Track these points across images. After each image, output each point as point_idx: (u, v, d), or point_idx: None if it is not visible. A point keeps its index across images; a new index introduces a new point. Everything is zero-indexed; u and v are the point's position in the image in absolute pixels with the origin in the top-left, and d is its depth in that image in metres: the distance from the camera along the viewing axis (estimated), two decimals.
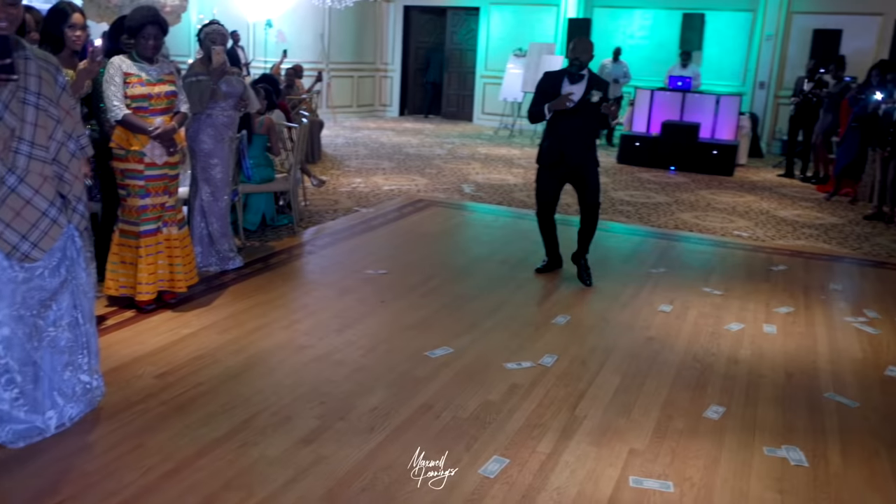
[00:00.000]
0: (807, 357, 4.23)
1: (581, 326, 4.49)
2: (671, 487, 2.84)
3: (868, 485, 2.95)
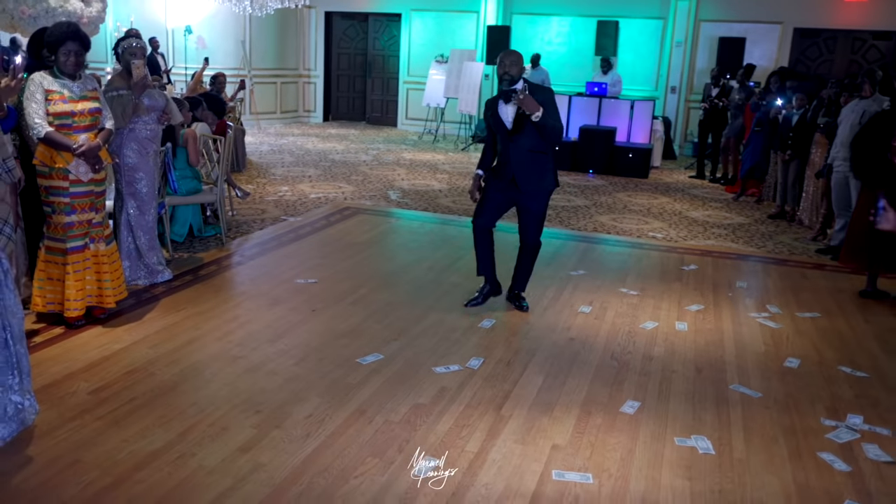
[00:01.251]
0: (715, 352, 4.54)
1: (506, 329, 4.70)
2: (591, 479, 3.06)
3: (767, 468, 3.24)
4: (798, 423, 3.66)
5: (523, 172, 4.69)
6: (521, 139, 4.65)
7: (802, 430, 3.59)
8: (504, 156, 4.75)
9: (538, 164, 4.72)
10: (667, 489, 3.02)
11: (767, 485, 3.10)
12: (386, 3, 15.63)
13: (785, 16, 13.32)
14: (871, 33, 13.15)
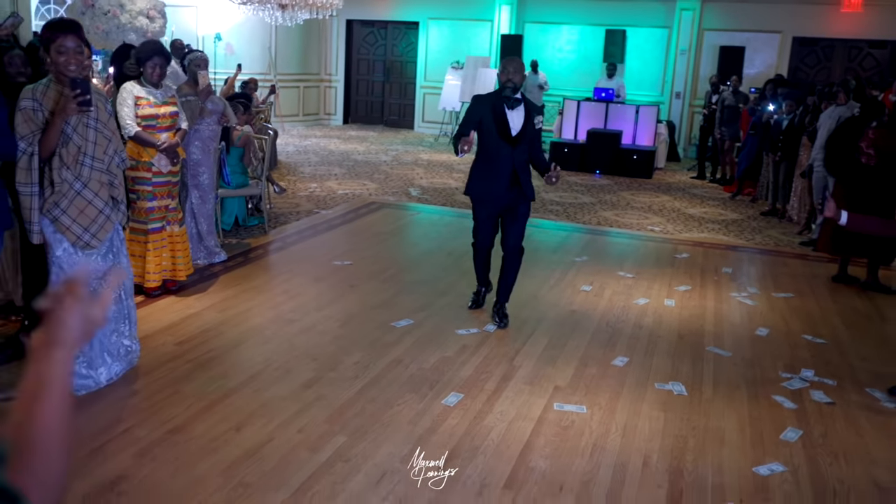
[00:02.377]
0: (696, 323, 5.29)
1: (517, 303, 5.44)
2: (584, 409, 3.82)
3: (728, 406, 3.99)
4: (759, 375, 4.41)
5: (524, 177, 4.82)
6: (520, 147, 4.78)
7: (762, 380, 4.34)
8: (501, 162, 4.76)
9: (526, 170, 4.87)
10: (645, 418, 3.78)
11: (727, 417, 3.86)
12: (404, 12, 16.43)
13: (784, 25, 14.02)
14: (868, 42, 13.83)
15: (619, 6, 14.70)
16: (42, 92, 3.54)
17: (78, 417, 3.44)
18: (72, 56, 3.49)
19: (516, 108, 4.76)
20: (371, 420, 3.59)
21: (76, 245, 3.64)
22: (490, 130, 4.74)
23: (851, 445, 3.64)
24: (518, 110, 4.77)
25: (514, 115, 4.76)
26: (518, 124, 4.76)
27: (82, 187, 3.62)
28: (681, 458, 3.43)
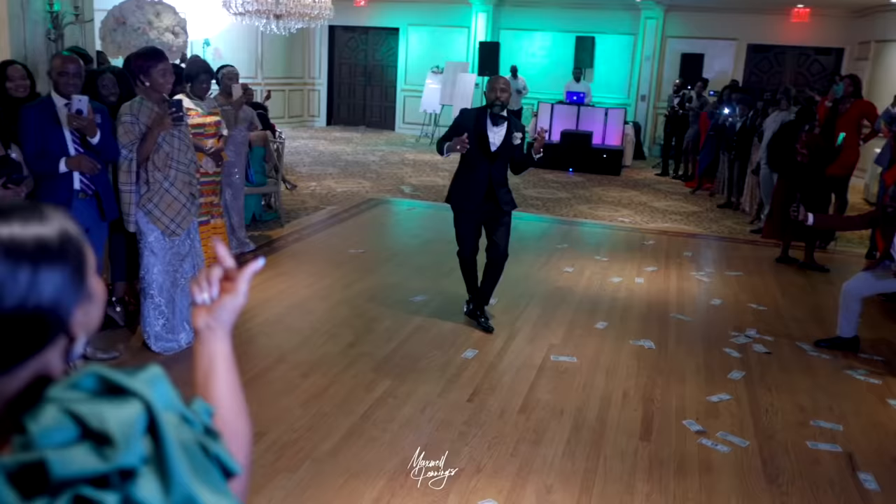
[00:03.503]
0: (662, 296, 6.29)
1: (511, 281, 6.39)
2: (575, 359, 4.80)
3: (688, 357, 4.98)
4: (713, 334, 5.43)
5: (501, 190, 5.07)
6: (500, 161, 5.02)
7: (715, 337, 5.36)
8: (479, 175, 5.01)
9: (506, 183, 5.15)
10: (623, 365, 4.77)
11: (687, 364, 4.85)
12: (385, 18, 17.32)
13: (740, 33, 15.19)
14: (814, 49, 15.06)
15: (588, 14, 15.73)
16: (137, 108, 4.40)
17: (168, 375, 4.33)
18: (168, 79, 4.37)
19: (500, 124, 4.97)
20: (408, 369, 4.52)
21: (164, 233, 4.51)
22: (471, 143, 4.91)
23: (781, 381, 4.66)
24: (501, 127, 4.98)
25: (496, 131, 4.98)
26: (498, 141, 4.98)
27: (170, 186, 4.49)
28: (651, 391, 4.42)
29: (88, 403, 0.83)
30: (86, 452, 0.80)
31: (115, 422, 0.82)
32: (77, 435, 0.81)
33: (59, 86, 4.04)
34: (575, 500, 3.30)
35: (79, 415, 0.82)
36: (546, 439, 3.81)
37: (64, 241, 0.92)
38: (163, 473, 0.83)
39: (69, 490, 0.78)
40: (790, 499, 3.41)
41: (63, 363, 0.96)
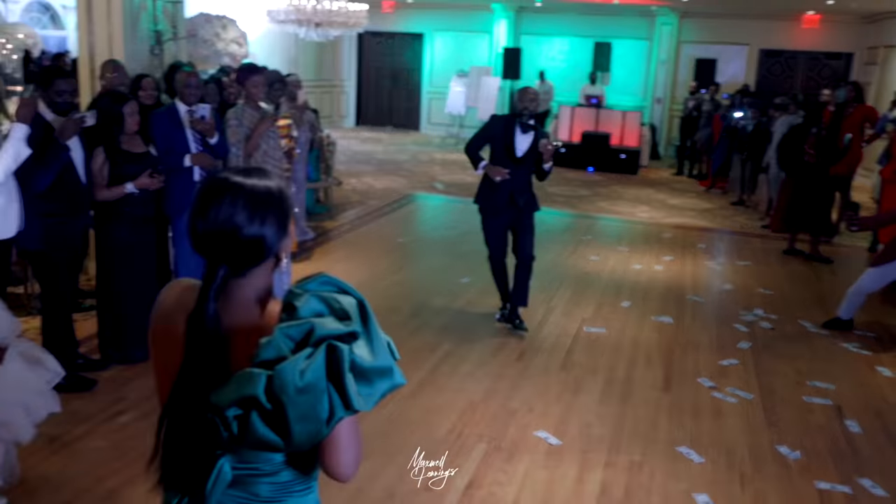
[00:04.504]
0: (679, 281, 7.06)
1: (543, 267, 7.15)
2: (604, 330, 5.58)
3: (702, 331, 5.76)
4: (724, 313, 6.20)
5: (524, 195, 5.35)
6: (524, 167, 5.31)
7: (726, 316, 6.13)
8: (504, 180, 5.26)
9: (531, 187, 5.44)
10: (645, 337, 5.55)
11: (701, 336, 5.63)
12: (411, 25, 18.13)
13: (752, 38, 15.89)
14: (825, 54, 15.74)
15: (605, 20, 16.47)
16: (241, 113, 5.22)
17: None
18: (262, 89, 5.18)
19: (527, 132, 5.25)
20: (463, 336, 5.31)
21: None
22: (499, 148, 5.27)
23: (783, 350, 5.43)
24: (528, 135, 5.26)
25: (523, 138, 5.26)
26: (524, 147, 5.26)
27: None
28: (670, 356, 5.20)
29: (332, 294, 1.44)
30: (333, 321, 1.39)
31: (347, 305, 1.43)
32: (327, 311, 1.41)
33: (183, 96, 4.85)
34: (609, 433, 4.10)
35: (328, 299, 1.44)
36: (584, 390, 4.61)
37: (281, 192, 1.51)
38: (370, 342, 1.41)
39: (324, 343, 1.36)
40: (786, 437, 4.18)
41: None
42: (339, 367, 1.35)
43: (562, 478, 3.65)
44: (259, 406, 1.34)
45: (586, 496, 3.52)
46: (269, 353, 1.36)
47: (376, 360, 1.39)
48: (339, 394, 1.35)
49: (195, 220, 1.46)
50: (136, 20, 5.80)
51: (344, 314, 1.40)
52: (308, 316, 1.39)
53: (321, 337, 1.36)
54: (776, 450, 4.03)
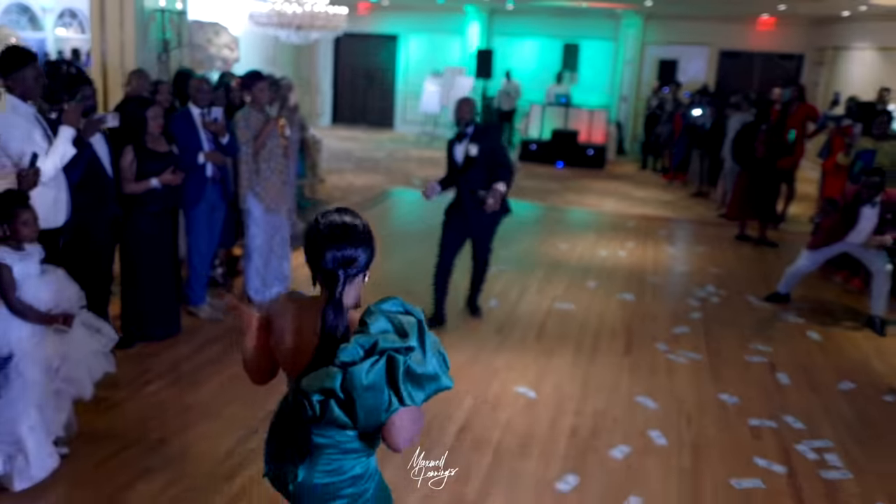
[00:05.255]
0: (641, 264, 7.80)
1: (517, 254, 7.86)
2: (573, 306, 6.29)
3: (660, 305, 6.48)
4: (679, 290, 6.95)
5: (472, 205, 5.36)
6: (468, 176, 5.33)
7: (681, 292, 6.88)
8: (457, 188, 5.50)
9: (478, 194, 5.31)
10: (610, 311, 6.27)
11: (659, 309, 6.36)
12: (386, 26, 18.73)
13: (712, 40, 16.73)
14: (779, 55, 16.63)
15: (573, 22, 17.21)
16: (248, 115, 5.82)
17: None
18: (266, 94, 5.79)
19: (462, 141, 5.39)
20: (449, 312, 5.97)
21: (266, 209, 5.92)
22: (448, 159, 5.59)
23: (728, 320, 6.20)
24: (463, 143, 5.38)
25: (460, 147, 5.41)
26: (461, 157, 5.41)
27: (271, 174, 5.90)
28: (631, 326, 5.93)
29: (397, 315, 1.97)
30: (395, 337, 1.93)
31: (407, 324, 1.98)
32: (391, 329, 1.95)
33: (196, 99, 5.45)
34: (578, 389, 4.79)
35: (393, 320, 1.97)
36: (556, 355, 5.30)
37: (368, 228, 2.08)
38: (423, 354, 1.93)
39: (385, 354, 1.86)
40: (727, 387, 4.91)
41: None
42: (395, 373, 1.86)
43: (539, 423, 4.34)
44: (336, 396, 1.88)
45: (559, 435, 4.20)
46: (346, 356, 1.87)
47: (426, 368, 1.90)
48: (394, 392, 1.87)
49: (326, 252, 1.98)
50: (146, 30, 6.38)
51: (404, 332, 1.90)
52: (376, 332, 1.89)
53: (383, 349, 1.87)
54: (718, 397, 4.76)
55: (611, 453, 4.05)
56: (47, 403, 3.56)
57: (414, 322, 1.94)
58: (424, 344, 1.92)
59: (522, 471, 3.84)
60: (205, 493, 3.52)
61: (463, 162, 5.37)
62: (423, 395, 1.92)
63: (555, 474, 3.82)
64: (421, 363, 1.90)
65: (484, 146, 5.27)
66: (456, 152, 5.44)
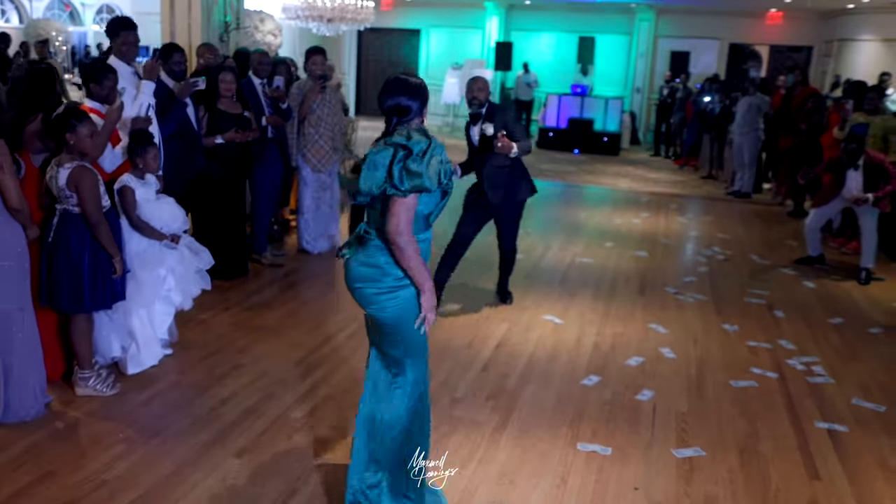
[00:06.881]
0: (653, 230, 8.49)
1: (539, 220, 8.55)
2: (592, 260, 6.98)
3: (670, 261, 7.16)
4: (689, 249, 7.64)
5: (492, 186, 5.24)
6: (487, 156, 5.16)
7: (691, 251, 7.57)
8: (476, 171, 5.33)
9: (505, 177, 5.22)
10: (625, 263, 6.95)
11: (669, 263, 7.04)
12: (408, 21, 19.47)
13: (722, 33, 17.35)
14: (788, 47, 17.25)
15: (589, 17, 17.89)
16: (304, 85, 6.55)
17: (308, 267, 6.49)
18: (320, 65, 6.51)
19: (478, 122, 5.24)
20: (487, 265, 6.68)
21: (313, 170, 6.63)
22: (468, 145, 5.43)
23: (733, 272, 6.88)
24: (479, 124, 5.24)
25: (475, 129, 5.30)
26: (477, 137, 5.30)
27: (318, 138, 6.62)
28: (645, 276, 6.62)
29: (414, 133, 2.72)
30: (403, 139, 2.62)
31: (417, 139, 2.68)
32: (405, 140, 2.65)
33: (257, 71, 6.18)
34: (599, 317, 5.50)
35: (410, 135, 2.68)
36: (578, 295, 6.01)
37: (424, 84, 2.86)
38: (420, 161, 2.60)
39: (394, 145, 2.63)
40: (729, 318, 5.61)
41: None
42: (393, 159, 2.61)
43: (565, 341, 5.05)
44: (359, 170, 2.71)
45: (583, 349, 4.92)
46: (376, 148, 2.71)
47: (418, 168, 2.57)
48: (388, 173, 2.60)
49: (384, 98, 2.75)
50: (210, 12, 7.12)
51: (411, 140, 2.63)
52: (395, 136, 2.69)
53: (393, 143, 2.65)
54: (721, 326, 5.45)
55: (627, 362, 4.75)
56: (155, 305, 4.30)
57: (424, 140, 2.65)
58: (424, 156, 2.60)
59: (552, 372, 4.55)
60: (286, 385, 4.24)
61: (479, 142, 5.26)
62: (409, 185, 2.58)
63: (580, 375, 4.52)
64: (415, 164, 2.58)
65: (498, 124, 5.10)
66: (473, 134, 5.34)
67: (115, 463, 3.36)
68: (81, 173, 3.62)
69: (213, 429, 3.70)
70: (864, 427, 4.07)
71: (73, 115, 3.65)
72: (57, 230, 3.72)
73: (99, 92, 4.26)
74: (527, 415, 4.00)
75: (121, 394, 4.00)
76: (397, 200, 2.61)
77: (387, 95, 2.75)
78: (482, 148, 5.22)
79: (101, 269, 3.80)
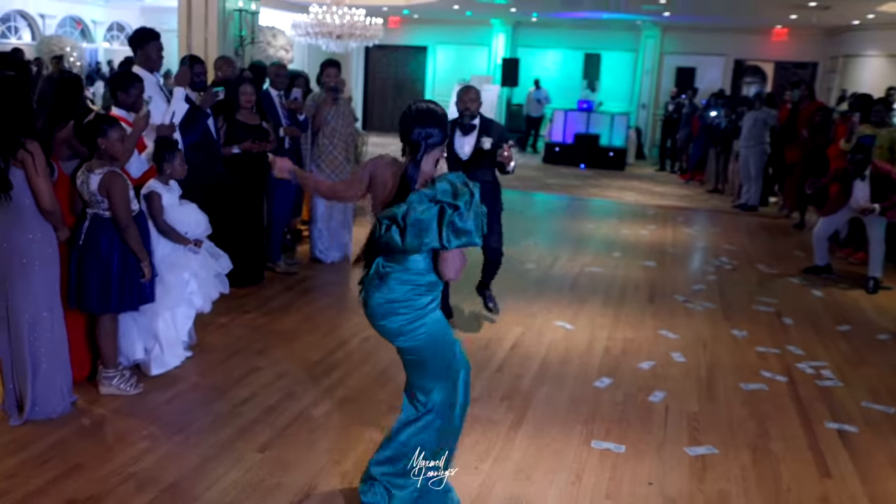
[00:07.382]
0: (660, 241, 8.58)
1: (549, 231, 8.66)
2: (601, 269, 7.06)
3: (678, 270, 7.25)
4: (697, 259, 7.73)
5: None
6: (476, 172, 4.82)
7: (699, 261, 7.65)
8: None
9: (488, 193, 4.80)
10: (634, 273, 7.04)
11: (678, 273, 7.12)
12: (415, 38, 19.70)
13: (727, 49, 17.54)
14: (793, 64, 17.40)
15: (595, 34, 18.09)
16: (318, 97, 6.68)
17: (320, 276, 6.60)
18: (333, 77, 6.65)
19: (469, 133, 4.94)
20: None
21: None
22: (448, 155, 4.75)
23: (740, 280, 6.96)
24: (471, 136, 4.93)
25: (464, 140, 4.95)
26: (468, 150, 4.96)
27: (332, 149, 6.74)
28: (653, 284, 6.70)
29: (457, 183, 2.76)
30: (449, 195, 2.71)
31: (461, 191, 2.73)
32: (450, 190, 2.74)
33: (275, 83, 6.32)
34: (609, 322, 5.58)
35: (453, 184, 2.77)
36: (588, 302, 6.09)
37: (445, 113, 2.93)
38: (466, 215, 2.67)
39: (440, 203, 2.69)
40: (738, 325, 5.68)
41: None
42: (442, 219, 2.59)
43: (577, 345, 5.13)
44: (397, 222, 2.65)
45: (594, 352, 5.00)
46: (413, 199, 2.64)
47: (465, 225, 2.61)
48: (438, 233, 2.59)
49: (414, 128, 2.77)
50: (226, 27, 7.28)
51: (458, 194, 2.61)
52: (439, 189, 2.64)
53: (440, 200, 2.63)
54: (730, 332, 5.53)
55: (639, 365, 4.83)
56: (179, 308, 4.40)
57: (468, 192, 2.64)
58: (470, 209, 2.62)
59: (565, 373, 4.63)
60: (305, 384, 4.33)
61: (471, 155, 4.96)
62: (457, 242, 2.62)
63: (592, 377, 4.60)
64: (462, 220, 2.61)
65: (495, 138, 4.88)
66: (458, 145, 4.96)
67: (142, 457, 3.45)
68: (112, 178, 3.74)
69: (236, 425, 3.78)
70: (874, 428, 4.14)
71: (104, 121, 3.77)
72: (88, 233, 3.83)
73: (125, 100, 4.39)
74: (541, 414, 4.08)
75: (143, 393, 4.09)
76: (449, 253, 2.68)
77: (416, 125, 2.78)
78: (471, 161, 4.94)
79: (130, 272, 3.90)
